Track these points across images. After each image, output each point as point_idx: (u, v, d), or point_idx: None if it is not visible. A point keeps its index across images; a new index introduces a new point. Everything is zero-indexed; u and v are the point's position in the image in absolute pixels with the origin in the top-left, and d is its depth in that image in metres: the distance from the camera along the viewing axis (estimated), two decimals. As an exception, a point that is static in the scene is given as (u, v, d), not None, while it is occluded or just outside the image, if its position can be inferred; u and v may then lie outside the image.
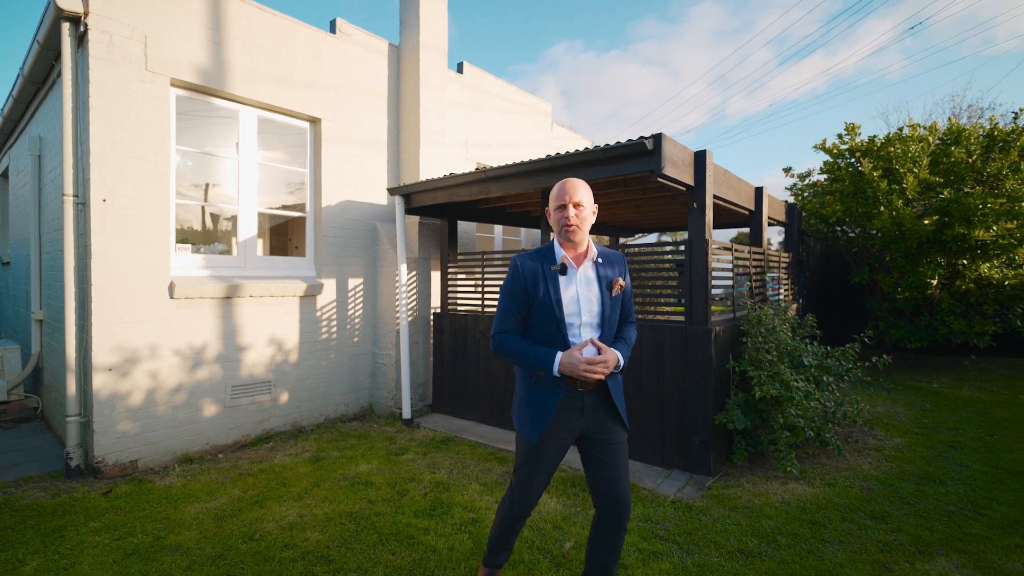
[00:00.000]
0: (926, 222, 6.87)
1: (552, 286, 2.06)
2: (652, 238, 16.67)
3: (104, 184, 3.86)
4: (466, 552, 2.78)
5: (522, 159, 5.10)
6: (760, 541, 2.90)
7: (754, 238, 5.88)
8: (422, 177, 5.79)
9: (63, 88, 3.93)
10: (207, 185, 6.60)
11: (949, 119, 7.80)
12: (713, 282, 4.15)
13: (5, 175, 7.60)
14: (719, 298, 4.62)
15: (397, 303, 5.53)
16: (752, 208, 5.61)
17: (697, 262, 3.98)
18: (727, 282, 4.61)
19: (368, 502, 3.40)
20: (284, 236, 9.36)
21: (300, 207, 5.60)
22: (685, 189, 4.11)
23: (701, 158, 4.03)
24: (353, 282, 5.60)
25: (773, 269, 5.85)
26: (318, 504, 3.38)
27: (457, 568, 2.63)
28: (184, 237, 7.14)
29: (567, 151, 4.12)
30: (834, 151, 8.16)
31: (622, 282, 2.12)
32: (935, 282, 7.16)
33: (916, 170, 6.99)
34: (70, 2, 3.69)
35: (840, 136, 8.08)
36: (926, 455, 4.29)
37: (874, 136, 7.75)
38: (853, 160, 7.94)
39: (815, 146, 8.38)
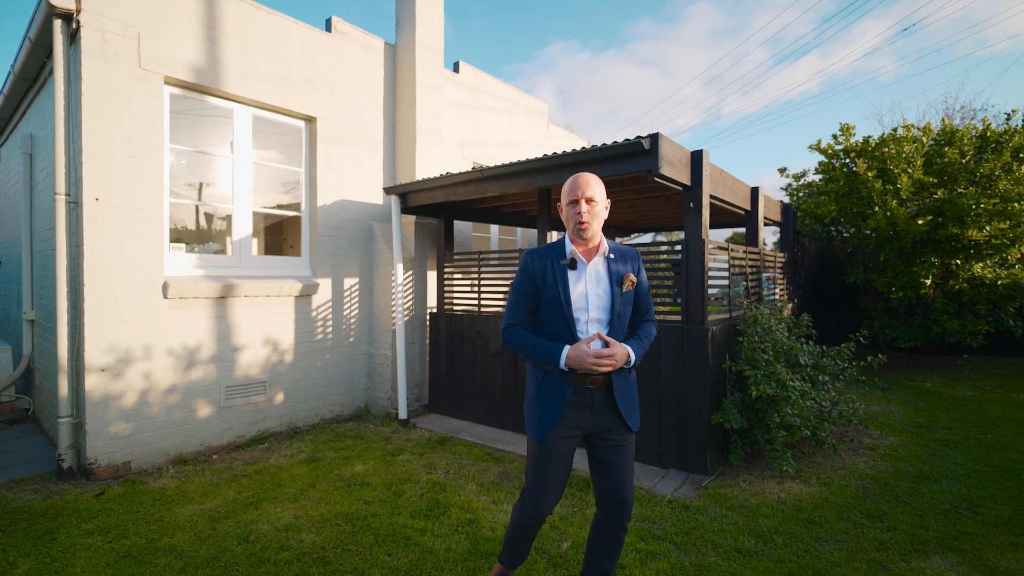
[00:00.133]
0: (920, 222, 6.92)
1: (561, 281, 2.06)
2: (648, 238, 16.72)
3: (97, 183, 3.82)
4: (463, 553, 2.76)
5: (518, 159, 5.09)
6: (757, 540, 2.91)
7: (750, 238, 5.89)
8: (418, 176, 5.77)
9: (55, 86, 3.88)
10: (201, 184, 6.56)
11: (943, 120, 7.88)
12: (709, 282, 4.15)
13: (-4, 174, 7.52)
14: (715, 298, 4.63)
15: (393, 303, 5.51)
16: (748, 208, 5.62)
17: (693, 262, 3.98)
18: (723, 282, 4.62)
19: (364, 503, 3.39)
20: (279, 236, 9.31)
21: (295, 206, 5.57)
22: (681, 189, 4.11)
23: (698, 158, 4.03)
24: (349, 282, 5.57)
25: (769, 269, 5.87)
26: (314, 505, 3.36)
27: (454, 569, 2.61)
28: (178, 237, 7.09)
29: (564, 150, 4.12)
30: (829, 151, 8.20)
31: (633, 278, 2.10)
32: (929, 282, 7.21)
33: (910, 170, 7.03)
34: (62, -1, 3.65)
35: (835, 136, 8.12)
36: (921, 454, 4.31)
37: (868, 137, 7.80)
38: (848, 160, 7.99)
39: (810, 146, 8.42)
